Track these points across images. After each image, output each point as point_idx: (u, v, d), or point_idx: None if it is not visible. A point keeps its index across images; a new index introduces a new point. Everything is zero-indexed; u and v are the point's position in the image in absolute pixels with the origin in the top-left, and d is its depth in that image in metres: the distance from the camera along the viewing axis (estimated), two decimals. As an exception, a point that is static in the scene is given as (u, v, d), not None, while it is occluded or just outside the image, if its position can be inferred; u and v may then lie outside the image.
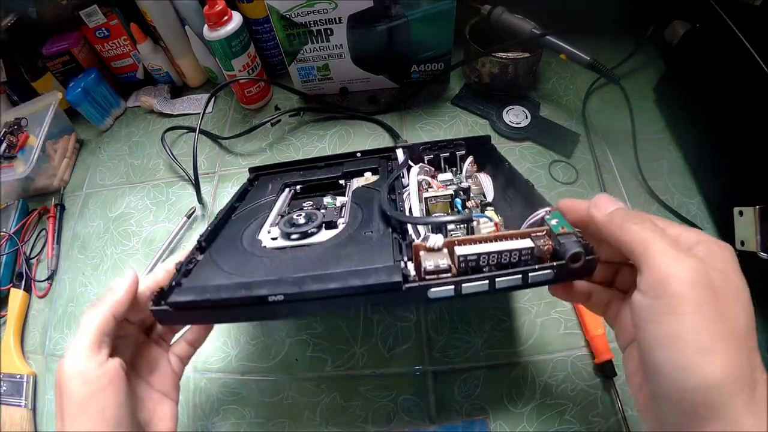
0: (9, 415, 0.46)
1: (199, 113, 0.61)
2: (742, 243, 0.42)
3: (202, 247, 0.35)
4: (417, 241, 0.26)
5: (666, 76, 0.59)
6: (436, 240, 0.26)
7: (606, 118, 0.59)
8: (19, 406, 0.46)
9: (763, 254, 0.39)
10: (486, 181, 0.40)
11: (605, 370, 0.40)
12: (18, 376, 0.48)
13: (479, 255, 0.24)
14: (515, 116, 0.59)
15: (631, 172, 0.54)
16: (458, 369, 0.43)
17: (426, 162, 0.44)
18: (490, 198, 0.39)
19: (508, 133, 0.58)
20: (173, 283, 0.29)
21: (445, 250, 0.26)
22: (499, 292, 0.24)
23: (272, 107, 0.67)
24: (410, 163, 0.43)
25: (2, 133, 0.61)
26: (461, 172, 0.43)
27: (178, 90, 0.73)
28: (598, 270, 0.27)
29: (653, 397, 0.21)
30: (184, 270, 0.31)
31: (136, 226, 0.58)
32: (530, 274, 0.24)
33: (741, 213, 0.42)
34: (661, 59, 0.64)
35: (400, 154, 0.44)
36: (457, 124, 0.61)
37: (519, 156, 0.56)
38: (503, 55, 0.57)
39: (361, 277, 0.25)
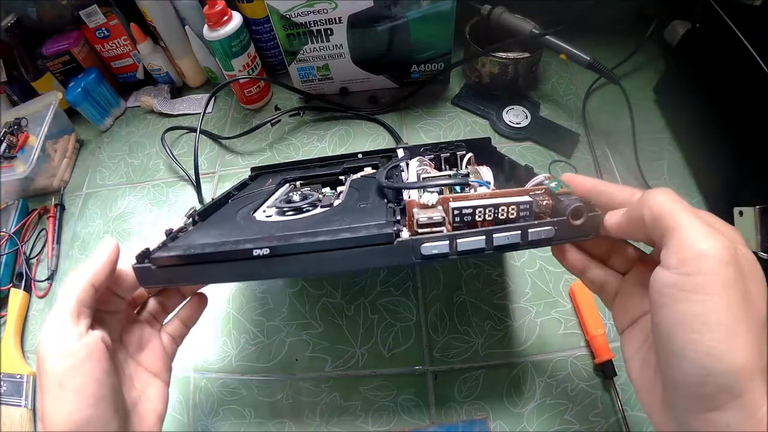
0: (9, 415, 0.45)
1: (199, 113, 0.61)
2: (742, 243, 0.42)
3: (195, 221, 0.35)
4: (410, 199, 0.25)
5: (666, 76, 0.59)
6: (430, 197, 0.24)
7: (606, 118, 0.59)
8: (19, 406, 0.46)
9: (763, 254, 0.39)
10: (486, 171, 0.40)
11: (605, 370, 0.40)
12: (18, 376, 0.48)
13: (474, 208, 0.23)
14: (515, 116, 0.59)
15: (631, 172, 0.54)
16: (458, 369, 0.43)
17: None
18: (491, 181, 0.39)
19: (508, 133, 0.58)
20: (159, 245, 0.29)
21: (440, 207, 0.25)
22: (497, 250, 0.23)
23: (272, 107, 0.67)
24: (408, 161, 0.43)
25: (2, 133, 0.61)
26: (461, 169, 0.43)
27: (178, 90, 0.73)
28: (594, 243, 0.26)
29: (666, 380, 0.20)
30: (173, 236, 0.31)
31: (136, 226, 0.58)
32: (530, 230, 0.23)
33: (741, 213, 0.42)
34: (661, 59, 0.64)
35: (400, 154, 0.44)
36: (457, 124, 0.61)
37: (519, 156, 0.56)
38: (503, 55, 0.57)
39: (351, 231, 0.24)
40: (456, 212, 0.24)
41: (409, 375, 0.43)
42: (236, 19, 0.58)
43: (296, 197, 0.36)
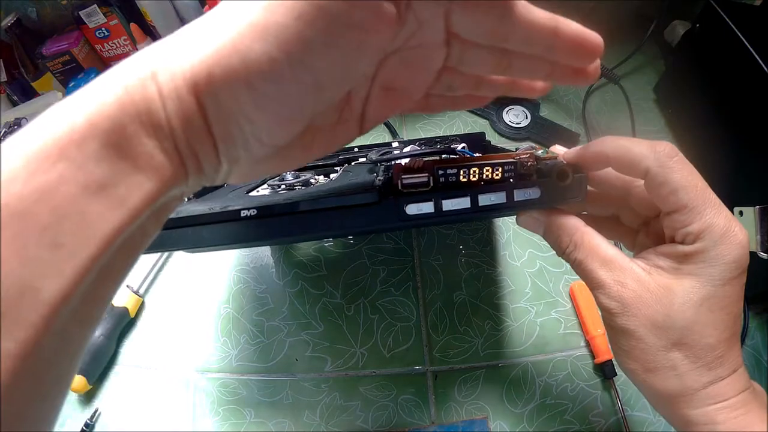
0: (9, 415, 0.46)
1: (199, 113, 0.60)
2: (742, 243, 0.41)
3: (188, 198, 0.36)
4: (396, 162, 0.25)
5: (666, 76, 0.59)
6: (416, 161, 0.25)
7: (606, 118, 0.59)
8: (19, 406, 0.46)
9: (763, 254, 0.39)
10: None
11: (605, 370, 0.40)
12: (18, 376, 0.48)
13: (459, 168, 0.24)
14: (515, 116, 0.59)
15: (631, 172, 0.54)
16: (458, 369, 0.43)
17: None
18: None
19: (508, 133, 0.58)
20: None
21: (425, 172, 0.25)
22: (483, 211, 0.23)
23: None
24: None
25: (2, 133, 0.61)
26: None
27: (178, 90, 0.73)
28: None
29: None
30: None
31: (136, 226, 0.58)
32: (515, 191, 0.23)
33: (741, 213, 0.42)
34: (661, 59, 0.64)
35: (395, 146, 0.44)
36: (457, 124, 0.61)
37: (519, 156, 0.57)
38: (503, 55, 0.57)
39: (337, 193, 0.25)
40: (441, 173, 0.24)
41: (409, 375, 0.43)
42: (236, 19, 0.58)
43: (289, 176, 0.37)
